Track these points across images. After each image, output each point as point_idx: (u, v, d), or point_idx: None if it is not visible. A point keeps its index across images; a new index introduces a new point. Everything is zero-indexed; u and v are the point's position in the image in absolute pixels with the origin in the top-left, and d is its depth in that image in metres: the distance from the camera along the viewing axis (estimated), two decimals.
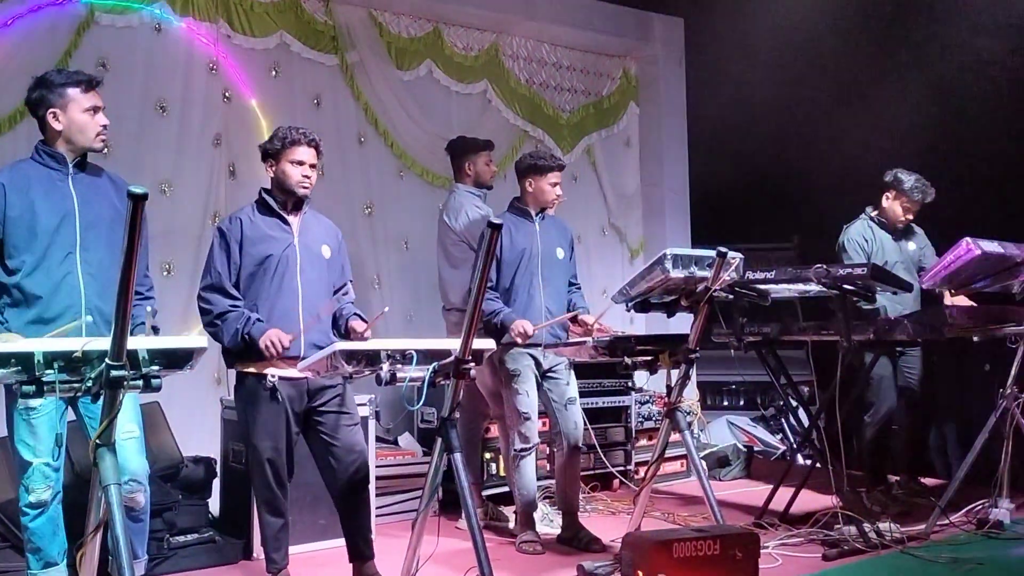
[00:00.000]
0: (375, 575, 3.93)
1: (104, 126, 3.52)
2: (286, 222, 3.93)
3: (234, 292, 3.85)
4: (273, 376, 3.77)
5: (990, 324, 4.73)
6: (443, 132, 6.42)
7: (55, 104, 3.47)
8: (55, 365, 2.51)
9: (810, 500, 5.10)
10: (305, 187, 3.92)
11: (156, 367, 2.63)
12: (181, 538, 4.42)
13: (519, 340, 4.57)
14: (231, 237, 3.87)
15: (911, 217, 5.50)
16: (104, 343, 2.50)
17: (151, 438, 4.36)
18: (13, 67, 4.91)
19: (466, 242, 5.13)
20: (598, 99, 7.78)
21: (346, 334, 3.94)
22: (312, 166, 3.93)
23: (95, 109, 3.50)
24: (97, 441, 2.56)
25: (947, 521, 4.77)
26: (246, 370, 3.85)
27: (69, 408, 3.50)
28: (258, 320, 3.77)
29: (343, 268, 4.12)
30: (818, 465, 5.13)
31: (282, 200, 3.94)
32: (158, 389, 2.61)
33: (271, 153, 3.92)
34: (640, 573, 3.28)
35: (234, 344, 3.79)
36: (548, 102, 7.40)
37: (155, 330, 3.54)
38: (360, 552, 3.94)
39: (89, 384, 2.53)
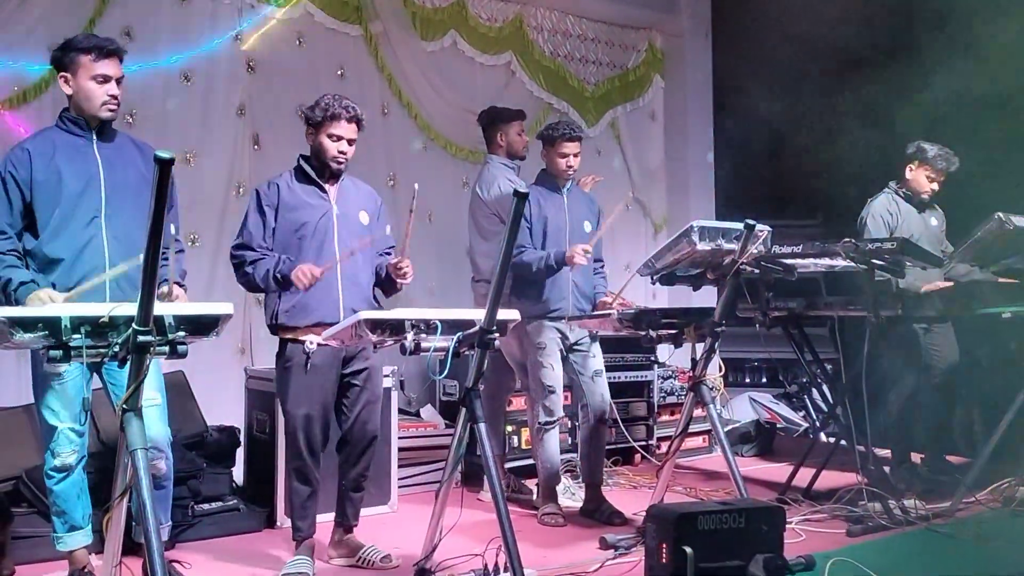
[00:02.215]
0: (352, 539, 4.05)
1: (112, 96, 3.49)
2: (324, 190, 3.92)
3: (263, 246, 3.84)
4: (312, 343, 3.77)
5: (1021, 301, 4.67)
6: (467, 104, 6.39)
7: (67, 68, 3.47)
8: (82, 330, 2.50)
9: (833, 477, 5.07)
10: (340, 162, 3.91)
11: (182, 333, 2.63)
12: (205, 506, 4.45)
13: (582, 262, 4.53)
14: (267, 202, 3.87)
15: (936, 187, 5.42)
16: (131, 308, 2.49)
17: (176, 406, 4.38)
18: (38, 35, 4.91)
19: (497, 215, 5.09)
20: (623, 72, 7.71)
21: (387, 277, 3.94)
22: (351, 141, 3.91)
23: (105, 78, 3.47)
24: (124, 406, 2.56)
25: (973, 499, 4.73)
26: (287, 336, 3.85)
27: (95, 376, 3.53)
28: (288, 259, 3.76)
29: (385, 232, 4.11)
30: (842, 442, 5.09)
31: (319, 168, 3.92)
32: (184, 355, 2.61)
33: (311, 122, 3.89)
34: (664, 545, 3.25)
35: (266, 284, 3.78)
36: (572, 74, 7.35)
37: (180, 284, 3.52)
38: (346, 518, 4.04)
39: (116, 349, 2.53)
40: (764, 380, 8.23)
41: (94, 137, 3.52)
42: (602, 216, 5.01)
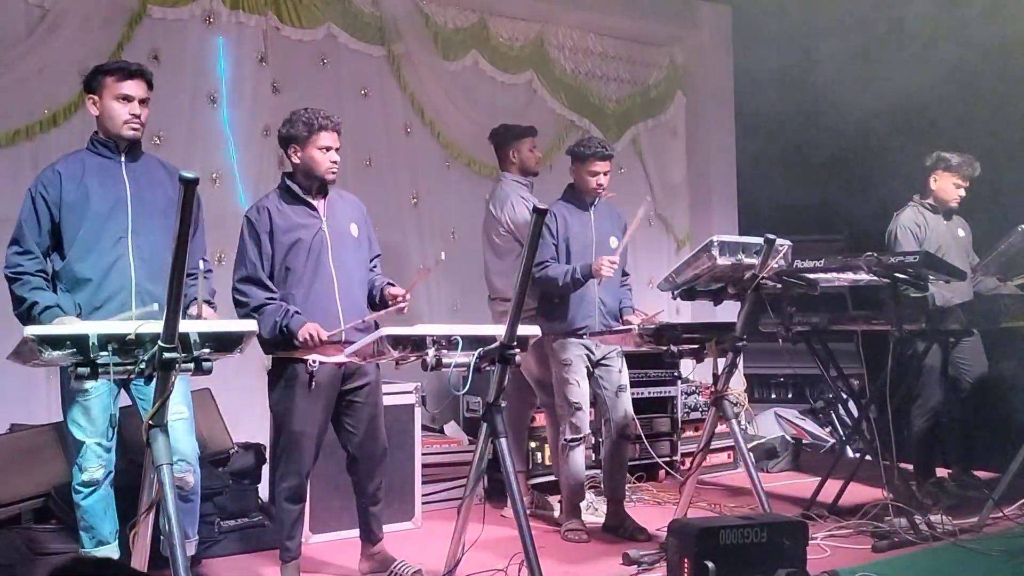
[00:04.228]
0: (382, 553, 4.04)
1: (135, 115, 3.56)
2: (313, 207, 3.90)
3: (269, 284, 3.81)
4: (314, 362, 3.77)
5: None
6: (489, 122, 6.40)
7: (94, 91, 3.58)
8: (109, 347, 2.56)
9: (859, 493, 5.04)
10: (334, 172, 3.89)
11: (207, 350, 2.67)
12: (231, 522, 4.48)
13: (608, 274, 4.51)
14: (260, 228, 3.83)
15: (963, 193, 5.42)
16: (156, 326, 2.54)
17: (202, 424, 4.43)
18: (67, 60, 4.99)
19: (511, 233, 5.12)
20: (644, 88, 7.72)
21: (382, 302, 3.93)
22: (337, 150, 3.89)
23: (127, 98, 3.55)
24: (150, 422, 2.61)
25: (1000, 514, 4.69)
26: (286, 356, 3.82)
27: (123, 391, 3.58)
28: (296, 313, 3.74)
29: (371, 242, 4.09)
30: (868, 457, 5.06)
31: (307, 185, 3.91)
32: (209, 372, 2.66)
33: (296, 140, 3.85)
34: (686, 560, 3.26)
35: (272, 336, 3.75)
36: (594, 92, 7.37)
37: (210, 304, 3.53)
38: (372, 534, 4.05)
39: (142, 366, 2.58)
40: (790, 396, 8.18)
41: (123, 159, 3.60)
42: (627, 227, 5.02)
